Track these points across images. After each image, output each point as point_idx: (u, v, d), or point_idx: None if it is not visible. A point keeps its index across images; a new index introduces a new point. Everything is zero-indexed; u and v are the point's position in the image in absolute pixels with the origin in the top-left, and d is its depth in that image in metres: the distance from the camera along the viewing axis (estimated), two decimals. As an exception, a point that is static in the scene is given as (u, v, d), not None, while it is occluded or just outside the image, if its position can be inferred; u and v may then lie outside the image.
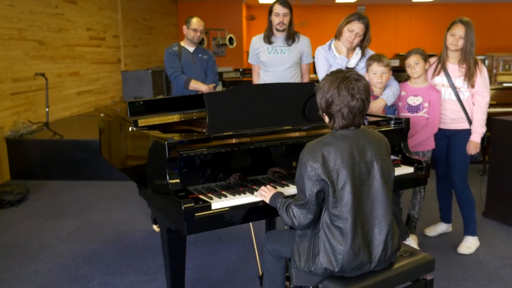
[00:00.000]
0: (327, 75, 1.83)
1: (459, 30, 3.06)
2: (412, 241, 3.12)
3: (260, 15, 13.76)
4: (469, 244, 3.20)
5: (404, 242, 3.02)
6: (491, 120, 3.71)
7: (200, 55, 4.11)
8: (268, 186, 2.04)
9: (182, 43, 4.12)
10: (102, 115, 3.04)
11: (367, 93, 1.79)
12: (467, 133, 3.18)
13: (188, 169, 2.04)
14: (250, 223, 2.82)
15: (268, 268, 2.16)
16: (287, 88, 2.55)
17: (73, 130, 5.52)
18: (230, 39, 8.83)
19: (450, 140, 3.26)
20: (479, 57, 7.99)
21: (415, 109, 3.17)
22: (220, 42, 8.92)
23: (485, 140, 3.25)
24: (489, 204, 3.80)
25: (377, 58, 3.00)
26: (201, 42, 7.73)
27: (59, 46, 6.35)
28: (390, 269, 1.87)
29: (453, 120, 3.19)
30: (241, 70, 9.53)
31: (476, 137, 3.15)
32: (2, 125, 4.98)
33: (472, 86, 3.12)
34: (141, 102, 2.59)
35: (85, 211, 4.07)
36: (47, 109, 5.39)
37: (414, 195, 3.38)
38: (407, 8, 14.98)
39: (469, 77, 3.12)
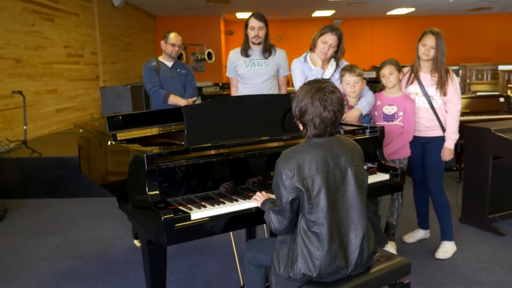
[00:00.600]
0: (304, 84, 1.89)
1: (430, 41, 3.17)
2: (391, 248, 3.18)
3: (238, 30, 13.91)
4: (446, 249, 3.28)
5: (383, 248, 3.09)
6: (464, 127, 3.82)
7: (178, 70, 4.15)
8: (263, 192, 2.08)
9: (161, 58, 4.15)
10: (81, 130, 3.04)
11: (340, 106, 1.85)
12: (441, 140, 3.27)
13: (167, 181, 2.06)
14: (231, 233, 2.85)
15: (248, 277, 2.18)
16: (264, 99, 2.61)
17: (52, 148, 5.47)
18: (209, 54, 8.90)
19: (425, 147, 3.35)
20: (452, 67, 8.19)
21: (390, 118, 3.26)
22: (199, 57, 8.98)
23: (459, 147, 3.35)
24: (465, 209, 3.90)
25: (349, 68, 3.08)
26: (179, 57, 7.81)
27: (37, 63, 6.32)
28: (367, 273, 1.91)
29: (427, 128, 3.29)
30: (220, 84, 9.60)
31: (449, 144, 3.25)
32: (-21, 144, 4.92)
33: (445, 94, 3.23)
34: (120, 117, 2.61)
35: (66, 229, 4.03)
36: (25, 127, 5.34)
37: (392, 202, 3.44)
38: (382, 20, 15.32)
39: (441, 85, 3.22)
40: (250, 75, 3.75)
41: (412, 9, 13.14)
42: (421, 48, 3.22)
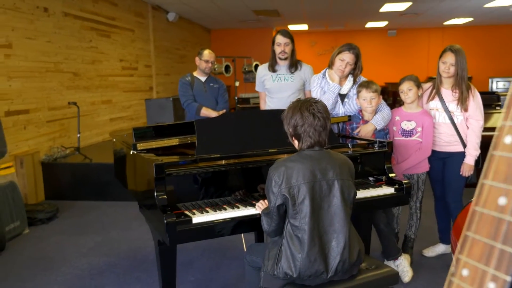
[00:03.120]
0: (289, 105, 2.07)
1: (449, 58, 3.22)
2: (404, 261, 3.23)
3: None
4: None
5: (395, 261, 3.16)
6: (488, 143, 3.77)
7: (211, 84, 4.43)
8: (266, 200, 2.27)
9: (195, 73, 4.45)
10: (114, 140, 3.37)
11: (326, 112, 2.02)
12: (461, 155, 3.30)
13: (176, 188, 2.30)
14: (242, 237, 3.04)
15: (248, 278, 2.37)
16: (275, 114, 2.79)
17: (102, 154, 5.94)
18: (256, 66, 9.17)
19: (445, 162, 3.38)
20: (510, 79, 7.91)
21: (409, 133, 3.32)
22: (246, 69, 9.28)
23: (480, 163, 3.35)
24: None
25: (365, 85, 3.19)
26: (227, 70, 8.13)
27: (93, 76, 6.87)
28: (350, 280, 2.04)
29: (448, 143, 3.32)
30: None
31: (469, 160, 3.26)
32: (38, 150, 5.45)
33: (466, 110, 3.25)
34: (145, 128, 2.90)
35: (107, 229, 4.40)
36: (78, 135, 5.85)
37: (410, 216, 3.49)
38: (439, 31, 14.95)
39: (462, 101, 3.25)
40: (276, 89, 3.94)
41: (470, 19, 12.77)
42: (442, 65, 3.27)
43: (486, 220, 0.47)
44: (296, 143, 2.08)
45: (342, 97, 3.40)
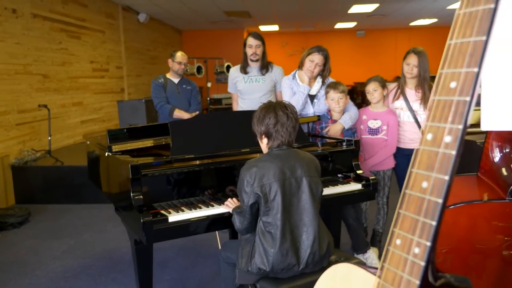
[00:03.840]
0: (260, 106, 2.16)
1: (412, 60, 3.38)
2: (372, 254, 3.36)
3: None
4: None
5: (364, 254, 3.29)
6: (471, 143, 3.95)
7: (184, 86, 4.48)
8: (234, 198, 2.35)
9: (168, 75, 4.49)
10: (88, 142, 3.39)
11: (296, 114, 2.14)
12: None
13: (152, 188, 2.36)
14: (217, 236, 3.12)
15: (223, 274, 2.45)
16: (246, 115, 2.87)
17: (74, 157, 5.90)
18: (228, 67, 9.24)
19: (409, 159, 3.53)
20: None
21: (375, 131, 3.47)
22: (218, 70, 9.34)
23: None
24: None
25: (333, 85, 3.32)
26: (199, 71, 8.17)
27: (63, 78, 6.80)
28: (321, 271, 2.13)
29: (411, 140, 3.48)
30: (239, 96, 9.88)
31: None
32: (8, 153, 5.38)
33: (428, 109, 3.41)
34: (119, 130, 2.94)
35: (80, 232, 4.40)
36: (49, 138, 5.80)
37: (378, 211, 3.64)
38: (406, 31, 15.36)
39: (425, 101, 3.41)
40: (248, 90, 4.03)
41: (435, 20, 13.18)
42: (405, 67, 3.43)
43: (413, 200, 0.58)
44: (265, 141, 2.17)
45: (312, 97, 3.51)
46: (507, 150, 1.48)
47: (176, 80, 4.47)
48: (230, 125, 2.70)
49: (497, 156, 1.51)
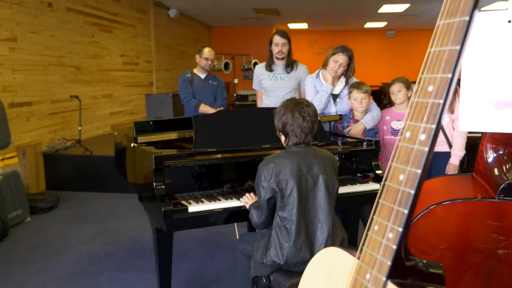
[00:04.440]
0: (283, 102, 2.22)
1: None
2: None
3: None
4: None
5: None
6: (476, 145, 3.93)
7: (210, 81, 4.58)
8: (252, 194, 2.42)
9: (195, 70, 4.60)
10: (115, 133, 3.52)
11: (315, 116, 2.17)
12: (447, 155, 3.45)
13: (173, 179, 2.45)
14: (236, 229, 3.20)
15: (239, 265, 2.53)
16: (266, 112, 2.94)
17: (102, 147, 6.09)
18: (255, 64, 9.32)
19: (431, 162, 3.53)
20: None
21: (398, 132, 3.48)
22: (245, 67, 9.44)
23: (465, 163, 3.52)
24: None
25: (357, 85, 3.35)
26: (226, 67, 8.27)
27: (94, 71, 7.01)
28: (334, 267, 2.20)
29: (434, 143, 3.48)
30: (265, 93, 9.95)
31: (455, 160, 3.42)
32: (40, 141, 5.60)
33: (452, 112, 3.41)
34: (145, 122, 3.05)
35: (106, 219, 4.56)
36: (79, 128, 6.00)
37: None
38: (437, 32, 15.09)
39: (449, 103, 3.41)
40: (273, 88, 4.09)
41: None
42: None
43: (391, 191, 0.64)
44: (283, 138, 2.23)
45: (335, 97, 3.55)
46: (500, 152, 1.51)
47: (202, 75, 4.58)
48: (252, 121, 2.77)
49: (490, 157, 1.54)
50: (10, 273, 3.31)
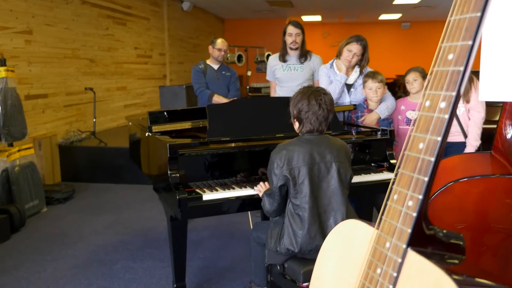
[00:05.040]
0: (299, 89, 2.21)
1: None
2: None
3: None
4: None
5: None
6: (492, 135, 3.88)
7: (223, 72, 4.58)
8: (266, 182, 2.42)
9: (208, 61, 4.60)
10: (130, 123, 3.54)
11: (331, 105, 2.15)
12: (462, 145, 3.41)
13: (188, 168, 2.46)
14: (250, 218, 3.21)
15: (253, 254, 2.53)
16: (282, 101, 2.93)
17: (117, 139, 6.13)
18: (268, 56, 9.28)
19: (446, 152, 3.50)
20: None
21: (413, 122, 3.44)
22: (258, 59, 9.41)
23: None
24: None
25: (371, 75, 3.32)
26: (239, 59, 8.26)
27: (108, 63, 7.06)
28: (349, 255, 2.18)
29: (448, 133, 3.43)
30: (278, 85, 9.92)
31: (470, 149, 3.38)
32: (56, 133, 5.66)
33: (467, 101, 3.36)
34: (159, 112, 3.06)
35: (121, 209, 4.60)
36: (94, 120, 6.05)
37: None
38: (453, 24, 14.87)
39: (464, 93, 3.36)
40: (286, 78, 4.07)
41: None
42: None
43: (411, 160, 0.64)
44: (296, 125, 2.22)
45: (349, 87, 3.52)
46: (519, 128, 1.48)
47: (216, 66, 4.57)
48: (265, 111, 2.76)
49: (509, 133, 1.52)
50: (27, 262, 3.36)
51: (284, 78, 4.08)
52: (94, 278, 3.10)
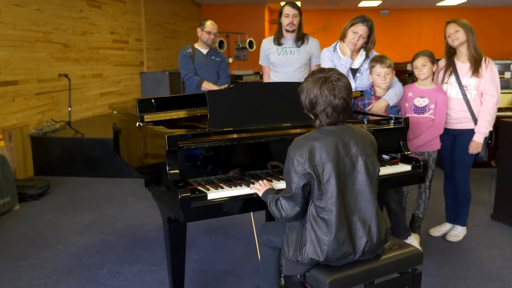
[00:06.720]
0: (309, 76, 1.91)
1: (451, 28, 3.21)
2: (414, 240, 3.15)
3: (283, 19, 13.88)
4: (457, 233, 3.43)
5: (405, 240, 3.07)
6: (500, 122, 3.71)
7: (213, 57, 4.25)
8: (264, 180, 2.13)
9: (196, 45, 4.27)
10: (115, 112, 3.20)
11: (348, 91, 1.87)
12: (472, 133, 3.21)
13: (188, 162, 2.16)
14: (252, 217, 2.93)
15: (263, 258, 2.26)
16: (289, 86, 2.64)
17: (94, 129, 5.74)
18: (250, 43, 8.96)
19: (455, 139, 3.29)
20: (504, 62, 7.83)
21: (421, 110, 3.21)
22: (240, 46, 9.07)
23: (493, 141, 3.27)
24: (498, 206, 3.79)
25: (379, 59, 3.06)
26: (220, 45, 7.90)
27: (83, 48, 6.60)
28: (376, 260, 1.94)
29: (456, 120, 3.23)
30: (261, 73, 9.63)
31: (478, 137, 3.18)
32: (27, 123, 5.23)
33: (478, 76, 3.12)
34: (150, 100, 2.72)
35: (102, 206, 4.25)
36: (69, 109, 5.63)
37: (419, 195, 3.41)
38: (431, 12, 14.84)
39: (475, 67, 3.13)
40: (282, 63, 3.80)
41: (464, 0, 12.64)
42: (448, 39, 3.22)
43: None
44: (312, 118, 1.94)
45: (354, 71, 3.26)
46: None
47: (204, 50, 4.25)
48: (273, 97, 2.47)
49: None
50: None
51: (279, 62, 3.80)
52: (78, 286, 2.77)
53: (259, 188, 2.08)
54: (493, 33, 14.07)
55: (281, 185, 2.15)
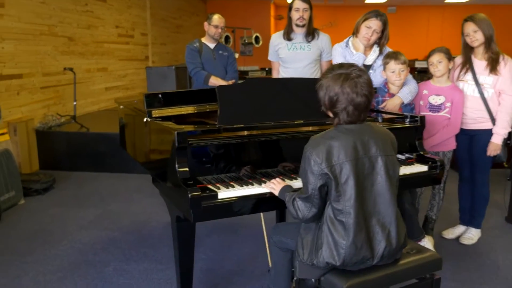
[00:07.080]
0: (328, 72, 1.82)
1: (470, 28, 3.08)
2: (427, 243, 3.07)
3: (289, 15, 13.76)
4: (472, 236, 3.33)
5: (419, 243, 3.00)
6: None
7: (220, 52, 4.17)
8: (277, 179, 2.05)
9: (203, 40, 4.19)
10: (121, 107, 3.13)
11: (370, 88, 1.79)
12: (489, 133, 3.11)
13: (197, 159, 2.08)
14: (261, 215, 2.86)
15: (274, 260, 2.19)
16: (302, 82, 2.56)
17: (99, 124, 5.68)
18: (256, 38, 8.86)
19: (472, 139, 3.20)
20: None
21: (437, 108, 3.13)
22: (246, 41, 8.97)
23: (511, 141, 3.18)
24: (512, 208, 3.71)
25: (393, 56, 2.98)
26: (227, 40, 7.81)
27: (88, 42, 6.53)
28: (394, 265, 1.86)
29: (473, 120, 3.13)
30: (267, 69, 9.56)
31: (496, 139, 3.09)
32: (32, 117, 5.17)
33: (496, 73, 3.03)
34: (157, 95, 2.65)
35: (107, 201, 4.19)
36: (74, 103, 5.57)
37: (433, 196, 3.33)
38: (439, 9, 14.68)
39: (492, 65, 3.04)
40: (292, 58, 3.71)
41: (472, -3, 12.51)
42: (467, 38, 3.11)
43: None
44: (331, 115, 1.86)
45: (367, 68, 3.17)
46: None
47: (212, 45, 4.16)
48: (285, 93, 2.39)
49: None
50: (3, 265, 2.94)
51: (289, 58, 3.72)
52: (84, 283, 2.71)
53: (273, 187, 2.00)
54: (503, 30, 13.92)
55: (297, 183, 2.07)
